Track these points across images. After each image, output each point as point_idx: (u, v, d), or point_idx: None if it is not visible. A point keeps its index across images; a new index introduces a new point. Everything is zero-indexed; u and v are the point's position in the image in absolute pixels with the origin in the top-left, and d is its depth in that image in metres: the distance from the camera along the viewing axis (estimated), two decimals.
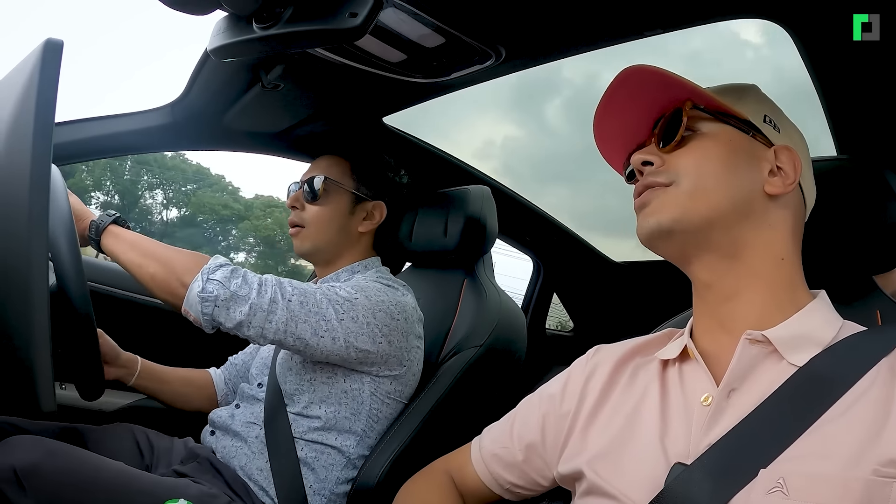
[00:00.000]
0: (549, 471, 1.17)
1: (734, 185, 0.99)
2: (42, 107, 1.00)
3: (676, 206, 0.99)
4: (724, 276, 1.01)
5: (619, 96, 1.09)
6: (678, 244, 1.02)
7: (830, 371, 0.90)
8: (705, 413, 0.95)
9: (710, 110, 1.03)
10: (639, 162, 1.05)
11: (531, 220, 3.05)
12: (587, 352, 1.24)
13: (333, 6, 1.15)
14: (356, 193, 1.88)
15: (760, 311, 0.99)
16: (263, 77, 1.65)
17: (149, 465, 1.65)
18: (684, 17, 1.28)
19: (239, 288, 1.48)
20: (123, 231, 1.62)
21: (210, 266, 1.50)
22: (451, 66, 1.54)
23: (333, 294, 1.59)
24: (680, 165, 1.01)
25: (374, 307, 1.63)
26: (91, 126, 2.01)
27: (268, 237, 51.02)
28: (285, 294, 1.52)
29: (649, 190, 1.03)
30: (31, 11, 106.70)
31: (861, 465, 0.80)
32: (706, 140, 1.02)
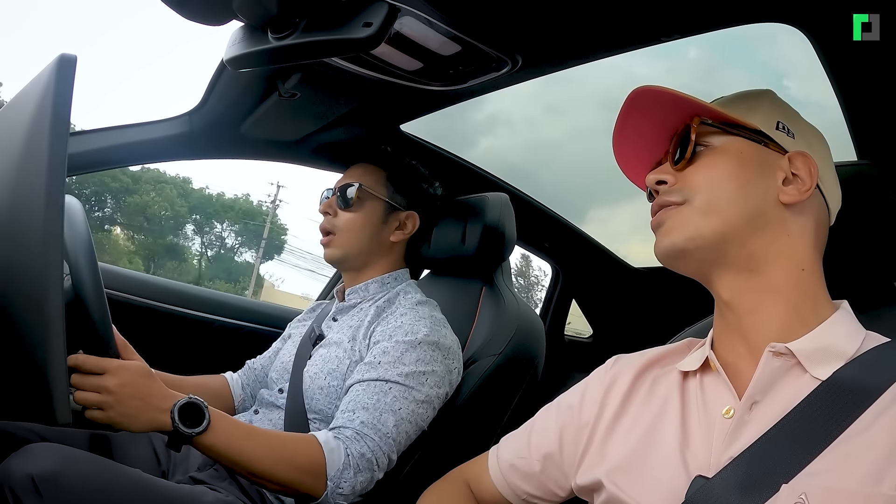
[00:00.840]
0: (566, 481, 1.17)
1: (746, 198, 0.98)
2: (57, 120, 1.00)
3: (689, 225, 0.99)
4: (744, 291, 1.00)
5: (633, 117, 1.10)
6: (695, 262, 1.02)
7: (854, 385, 0.89)
8: (727, 426, 0.94)
9: (718, 124, 1.03)
10: (653, 182, 1.05)
11: (550, 227, 3.04)
12: (606, 362, 1.24)
13: (348, 16, 1.15)
14: (390, 203, 1.87)
15: (782, 324, 0.97)
16: (280, 86, 1.66)
17: (165, 472, 1.66)
18: (701, 22, 1.28)
19: (364, 484, 1.49)
20: (218, 440, 1.35)
21: (333, 483, 1.44)
22: (468, 74, 1.54)
23: (412, 397, 1.60)
24: (692, 183, 1.02)
25: (441, 378, 1.67)
26: (108, 136, 2.01)
27: (155, 215, 50.06)
28: (392, 446, 1.54)
29: (664, 210, 1.04)
30: (30, 11, 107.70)
31: (883, 482, 0.79)
32: (716, 154, 1.02)
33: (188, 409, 1.31)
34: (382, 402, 1.54)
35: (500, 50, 1.41)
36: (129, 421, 1.26)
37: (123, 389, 1.26)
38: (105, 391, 1.24)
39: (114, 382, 1.25)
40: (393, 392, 1.56)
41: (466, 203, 2.08)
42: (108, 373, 1.26)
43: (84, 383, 1.23)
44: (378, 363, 1.60)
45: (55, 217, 1.00)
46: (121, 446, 1.62)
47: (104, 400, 1.24)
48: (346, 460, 1.45)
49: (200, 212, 53.37)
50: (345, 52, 1.25)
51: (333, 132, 2.06)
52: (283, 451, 1.41)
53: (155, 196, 48.64)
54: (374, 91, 1.70)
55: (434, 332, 1.68)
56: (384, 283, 1.88)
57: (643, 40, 1.36)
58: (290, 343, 1.96)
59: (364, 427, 1.50)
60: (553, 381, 2.66)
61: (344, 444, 1.47)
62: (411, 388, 1.59)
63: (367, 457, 1.47)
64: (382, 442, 1.50)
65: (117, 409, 1.25)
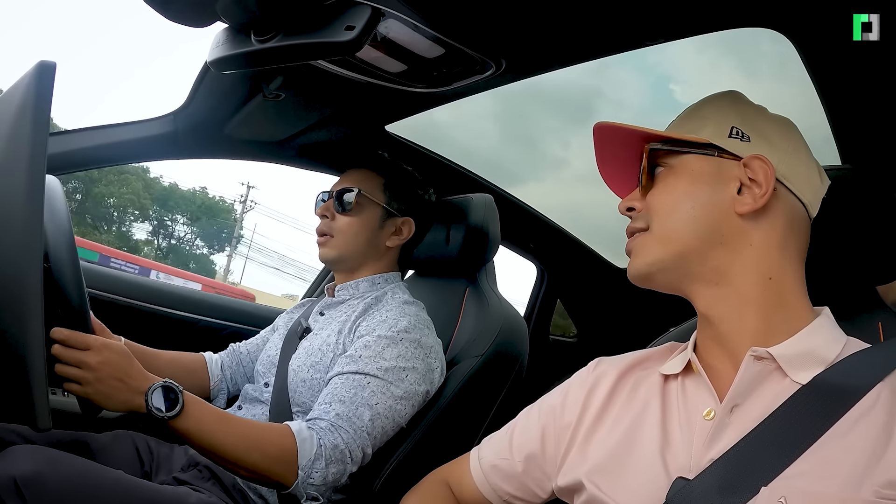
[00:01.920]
0: (548, 482, 1.17)
1: (699, 218, 1.00)
2: (36, 125, 1.00)
3: (650, 252, 1.04)
4: (716, 302, 1.01)
5: (605, 148, 1.16)
6: (663, 282, 1.06)
7: (834, 389, 0.90)
8: (707, 428, 0.95)
9: (667, 145, 1.06)
10: (623, 209, 1.11)
11: (535, 227, 3.05)
12: (588, 364, 1.24)
13: (330, 19, 1.15)
14: (387, 208, 1.89)
15: (757, 331, 0.98)
16: (265, 87, 1.66)
17: (148, 472, 1.66)
18: (685, 27, 1.28)
19: (335, 475, 1.49)
20: (192, 424, 1.35)
21: (304, 473, 1.45)
22: (452, 77, 1.54)
23: (390, 392, 1.60)
24: (652, 208, 1.06)
25: (421, 375, 1.67)
26: (92, 135, 2.01)
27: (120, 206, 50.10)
28: (367, 440, 1.54)
29: (632, 237, 1.09)
30: (30, 12, 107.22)
31: (862, 487, 0.80)
32: (671, 175, 1.05)
33: (163, 393, 1.32)
34: (360, 395, 1.55)
35: (484, 53, 1.41)
36: (105, 399, 1.27)
37: (104, 367, 1.27)
38: (86, 367, 1.25)
39: (95, 359, 1.26)
40: (371, 386, 1.57)
41: (451, 204, 2.09)
42: (92, 349, 1.27)
43: (67, 356, 1.24)
44: (359, 357, 1.61)
45: (35, 221, 1.01)
46: (103, 447, 1.62)
47: (84, 375, 1.25)
48: (319, 451, 1.45)
49: (160, 203, 53.32)
50: (327, 55, 1.26)
51: (318, 133, 2.06)
52: (254, 438, 1.41)
53: (123, 189, 48.64)
54: (359, 92, 1.70)
55: (416, 329, 1.69)
56: (374, 282, 1.89)
57: (628, 44, 1.37)
58: (276, 336, 1.97)
59: (339, 419, 1.51)
60: (537, 381, 2.67)
61: (317, 435, 1.47)
62: (390, 382, 1.59)
63: (339, 448, 1.48)
64: (357, 435, 1.51)
65: (95, 387, 1.26)
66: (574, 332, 3.79)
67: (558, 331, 3.81)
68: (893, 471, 0.81)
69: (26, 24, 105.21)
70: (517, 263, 3.42)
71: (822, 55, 1.30)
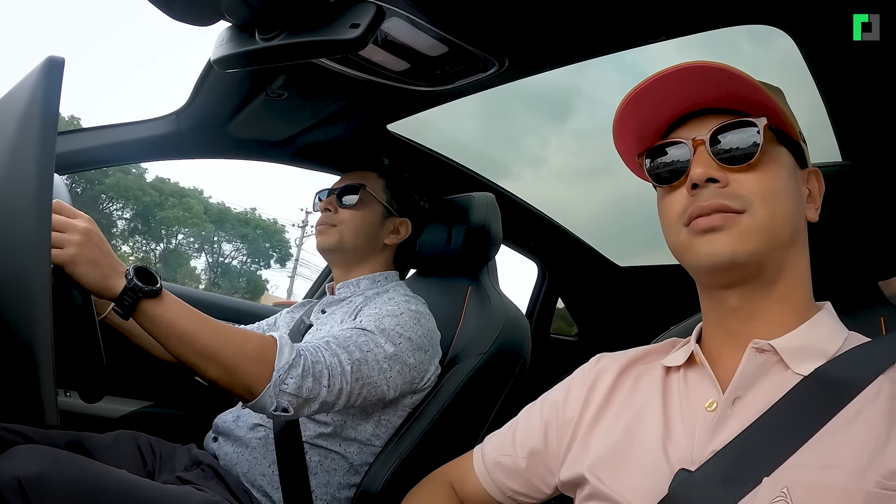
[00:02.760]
0: (551, 477, 1.18)
1: (794, 216, 0.98)
2: (45, 121, 1.01)
3: (751, 240, 0.94)
4: (756, 300, 1.00)
5: (672, 84, 1.01)
6: (738, 274, 0.98)
7: (835, 382, 0.90)
8: (710, 419, 0.95)
9: (776, 129, 1.00)
10: (703, 178, 0.97)
11: (536, 225, 3.06)
12: (590, 360, 1.24)
13: (335, 17, 1.15)
14: (388, 207, 1.93)
15: (778, 326, 0.98)
16: (267, 86, 1.66)
17: (151, 472, 1.65)
18: (687, 25, 1.28)
19: (310, 391, 1.44)
20: (168, 309, 1.33)
21: (279, 375, 1.40)
22: (455, 75, 1.55)
23: (382, 348, 1.59)
24: (751, 191, 0.96)
25: (415, 348, 1.67)
26: (96, 135, 2.01)
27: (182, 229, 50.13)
28: (348, 377, 1.51)
29: (722, 215, 0.95)
30: (31, 11, 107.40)
31: (865, 478, 0.80)
32: (773, 164, 0.98)
33: (142, 273, 1.30)
34: (352, 339, 1.56)
35: (487, 51, 1.42)
36: (89, 266, 1.23)
37: (91, 235, 1.24)
38: (73, 230, 1.22)
39: (83, 226, 1.24)
40: (365, 337, 1.58)
41: (452, 203, 2.10)
42: (81, 218, 1.25)
43: (54, 221, 1.19)
44: (359, 321, 1.64)
45: (44, 218, 1.01)
46: (105, 447, 1.62)
47: (71, 238, 1.21)
48: (297, 359, 1.42)
49: (217, 226, 53.19)
50: (332, 53, 1.25)
51: (320, 132, 2.06)
52: (232, 332, 1.38)
53: (184, 213, 48.68)
54: (361, 91, 1.70)
55: (418, 312, 1.73)
56: (375, 280, 1.92)
57: (630, 42, 1.37)
58: (277, 335, 1.96)
59: (326, 346, 1.51)
60: (539, 380, 2.67)
61: (300, 348, 1.46)
62: (385, 339, 1.60)
63: (319, 366, 1.46)
64: (338, 364, 1.49)
65: (81, 250, 1.22)
66: (575, 331, 3.80)
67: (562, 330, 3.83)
68: (895, 461, 0.81)
69: (26, 23, 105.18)
70: (520, 263, 3.42)
71: (824, 52, 1.30)
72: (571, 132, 21.38)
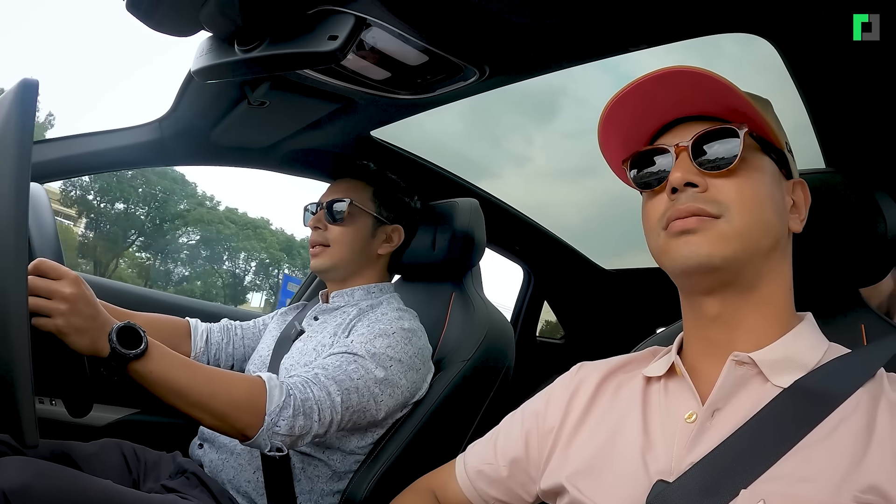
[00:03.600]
0: (533, 485, 1.18)
1: (774, 225, 0.98)
2: (20, 143, 1.00)
3: (727, 245, 0.95)
4: (736, 308, 1.00)
5: (657, 89, 1.01)
6: (714, 279, 0.98)
7: (814, 394, 0.91)
8: (689, 431, 0.95)
9: (758, 137, 1.00)
10: (681, 182, 0.98)
11: (521, 230, 3.06)
12: (570, 369, 1.25)
13: (314, 29, 1.15)
14: (378, 217, 1.92)
15: (758, 336, 0.99)
16: (249, 94, 1.66)
17: (136, 480, 1.65)
18: (669, 33, 1.28)
19: (302, 428, 1.46)
20: (157, 365, 1.32)
21: (271, 419, 1.42)
22: (436, 83, 1.55)
23: (373, 374, 1.60)
24: (728, 197, 0.97)
25: (406, 369, 1.68)
26: (78, 143, 2.01)
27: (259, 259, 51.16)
28: (338, 408, 1.52)
29: (698, 218, 0.96)
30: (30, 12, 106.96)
31: (842, 491, 0.81)
32: (753, 172, 0.98)
33: (125, 333, 1.28)
34: (342, 368, 1.56)
35: (467, 60, 1.42)
36: (76, 334, 1.21)
37: (78, 300, 1.22)
38: (59, 297, 1.19)
39: (70, 290, 1.21)
40: (355, 364, 1.58)
41: (436, 209, 2.10)
42: (66, 279, 1.22)
43: (39, 286, 1.19)
44: (350, 342, 1.63)
45: (20, 238, 1.00)
46: (90, 456, 1.61)
47: (56, 306, 1.19)
48: (287, 400, 1.44)
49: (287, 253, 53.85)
50: (310, 65, 1.26)
51: (304, 139, 2.06)
52: (221, 382, 1.39)
53: (257, 242, 49.15)
54: (343, 99, 1.70)
55: (410, 330, 1.73)
56: (370, 291, 1.91)
57: (611, 50, 1.37)
58: (268, 337, 1.98)
59: (314, 379, 1.52)
60: (525, 382, 2.68)
61: (288, 386, 1.46)
62: (374, 365, 1.60)
63: (308, 403, 1.47)
64: (327, 398, 1.50)
65: (68, 319, 1.20)
66: (561, 334, 3.80)
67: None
68: (873, 475, 0.81)
69: (26, 23, 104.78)
70: (507, 267, 3.43)
71: (806, 60, 1.30)
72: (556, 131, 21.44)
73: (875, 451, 0.84)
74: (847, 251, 1.20)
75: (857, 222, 1.18)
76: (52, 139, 1.99)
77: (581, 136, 8.68)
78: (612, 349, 1.26)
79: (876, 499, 0.80)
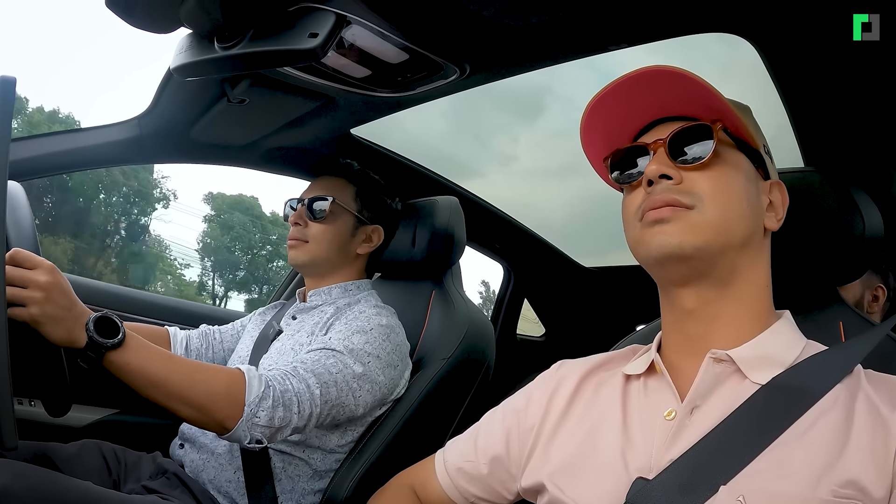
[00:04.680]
0: (513, 483, 1.18)
1: (748, 219, 0.99)
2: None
3: (700, 234, 0.97)
4: (711, 302, 1.01)
5: (636, 89, 1.04)
6: (688, 269, 1.00)
7: (791, 391, 0.92)
8: (668, 428, 0.96)
9: (735, 136, 1.03)
10: (656, 174, 1.00)
11: (501, 228, 3.06)
12: (551, 367, 1.25)
13: (294, 26, 1.15)
14: (359, 216, 1.92)
15: (735, 333, 1.00)
16: (229, 91, 1.65)
17: (116, 481, 1.64)
18: (649, 32, 1.29)
19: (281, 420, 1.45)
20: (134, 356, 1.31)
21: (250, 409, 1.41)
22: (416, 81, 1.55)
23: (351, 369, 1.60)
24: (703, 189, 0.99)
25: (384, 366, 1.68)
26: (56, 140, 1.99)
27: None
28: (317, 401, 1.52)
29: (671, 207, 0.99)
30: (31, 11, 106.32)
31: (820, 486, 0.82)
32: (728, 167, 1.01)
33: (103, 323, 1.27)
34: (320, 362, 1.56)
35: (448, 58, 1.42)
36: (52, 323, 1.20)
37: (52, 289, 1.20)
38: (35, 286, 1.19)
39: (45, 279, 1.20)
40: (333, 358, 1.58)
41: (416, 207, 2.10)
42: (41, 269, 1.21)
43: (14, 276, 1.18)
44: (328, 339, 1.64)
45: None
46: (70, 457, 1.60)
47: (32, 296, 1.18)
48: (267, 391, 1.43)
49: None
50: (290, 63, 1.26)
51: (284, 136, 2.05)
52: (200, 372, 1.38)
53: None
54: (324, 97, 1.70)
55: (388, 327, 1.73)
56: (347, 289, 1.91)
57: (591, 49, 1.37)
58: (247, 337, 1.97)
59: (294, 371, 1.52)
60: (506, 380, 2.69)
61: (267, 378, 1.46)
62: (353, 360, 1.61)
63: (288, 395, 1.46)
64: (306, 390, 1.50)
65: (43, 308, 1.19)
66: (542, 331, 3.81)
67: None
68: (850, 470, 0.82)
69: (26, 20, 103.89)
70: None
71: (786, 61, 1.31)
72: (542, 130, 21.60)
73: (853, 446, 0.85)
74: (825, 249, 1.21)
75: (835, 221, 1.19)
76: (29, 136, 1.98)
77: (566, 134, 8.79)
78: (592, 346, 1.27)
79: (854, 493, 0.81)
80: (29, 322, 1.19)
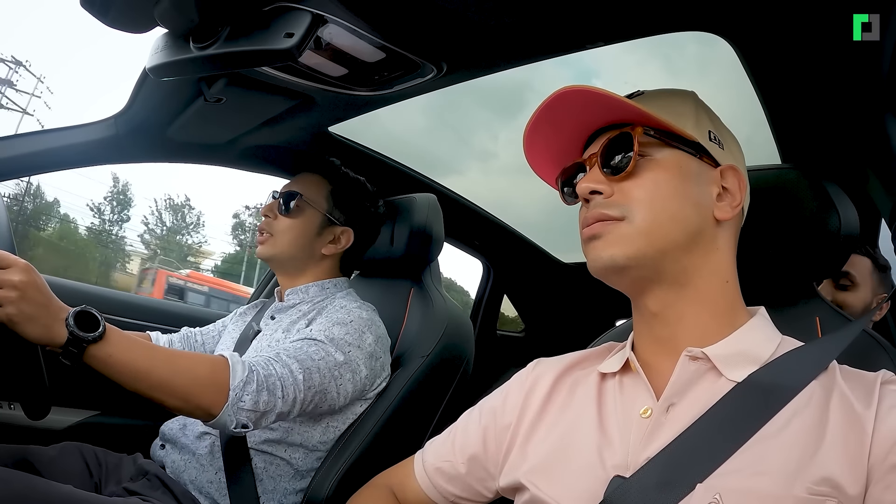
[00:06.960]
0: (492, 482, 1.19)
1: (687, 218, 0.99)
2: None
3: (631, 244, 0.98)
4: (672, 304, 1.02)
5: (557, 112, 1.07)
6: (631, 278, 1.02)
7: (767, 388, 0.92)
8: (644, 426, 0.97)
9: (659, 134, 1.02)
10: (587, 191, 1.03)
11: (480, 224, 3.07)
12: (527, 365, 1.26)
13: (270, 26, 1.15)
14: (328, 216, 1.91)
15: (703, 331, 1.01)
16: (206, 90, 1.64)
17: (98, 484, 1.64)
18: (625, 30, 1.29)
19: (266, 404, 1.45)
20: (116, 348, 1.30)
21: (235, 394, 1.41)
22: (393, 80, 1.54)
23: (333, 357, 1.60)
24: (632, 198, 1.00)
25: (365, 357, 1.69)
26: (32, 141, 1.96)
27: None
28: (300, 385, 1.52)
29: (601, 223, 1.01)
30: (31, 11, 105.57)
31: (796, 484, 0.83)
32: (657, 168, 1.01)
33: (83, 318, 1.26)
34: (303, 349, 1.57)
35: (424, 57, 1.41)
36: (28, 322, 1.20)
37: (28, 288, 1.20)
38: (9, 285, 1.18)
39: (19, 278, 1.19)
40: (315, 346, 1.59)
41: (394, 204, 2.10)
42: (15, 267, 1.20)
43: None
44: (310, 330, 1.65)
45: None
46: (51, 460, 1.59)
47: (6, 295, 1.17)
48: (251, 375, 1.43)
49: None
50: (266, 63, 1.25)
51: (262, 135, 2.04)
52: (183, 360, 1.38)
53: None
54: (301, 95, 1.69)
55: (368, 320, 1.73)
56: (324, 287, 1.91)
57: (567, 47, 1.37)
58: (227, 337, 1.97)
59: (277, 357, 1.52)
60: (486, 376, 2.69)
61: (250, 363, 1.46)
62: (334, 348, 1.61)
63: (272, 379, 1.47)
64: (290, 375, 1.50)
65: (19, 306, 1.18)
66: (522, 327, 3.82)
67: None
68: (826, 467, 0.83)
69: (26, 20, 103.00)
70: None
71: (762, 58, 1.32)
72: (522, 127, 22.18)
73: (828, 443, 0.85)
74: (801, 245, 1.22)
75: (812, 217, 1.20)
76: (2, 137, 1.94)
77: None
78: (572, 342, 1.27)
79: (829, 490, 0.82)
80: (5, 322, 1.18)
